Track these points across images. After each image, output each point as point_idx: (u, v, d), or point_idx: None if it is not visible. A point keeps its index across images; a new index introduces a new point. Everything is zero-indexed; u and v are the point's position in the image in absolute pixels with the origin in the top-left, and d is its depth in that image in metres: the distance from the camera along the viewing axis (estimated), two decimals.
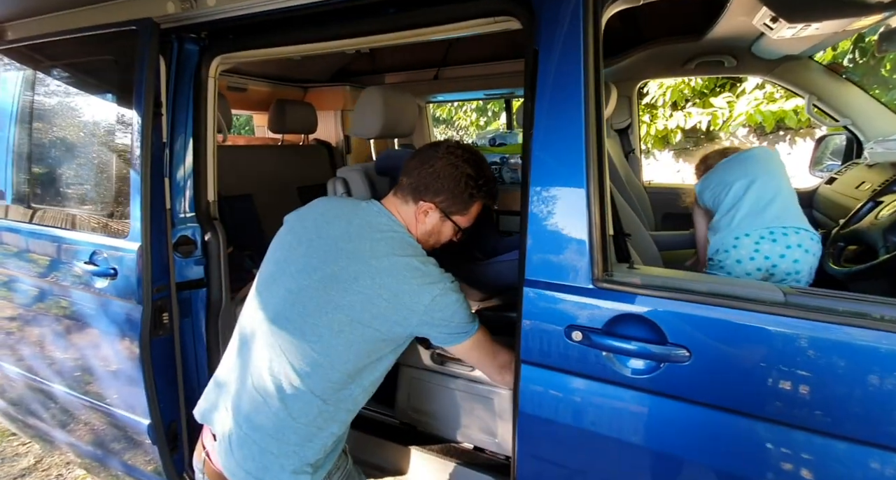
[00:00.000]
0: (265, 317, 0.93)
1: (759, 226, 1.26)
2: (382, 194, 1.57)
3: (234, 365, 0.96)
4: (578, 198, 0.81)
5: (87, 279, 1.32)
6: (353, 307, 0.87)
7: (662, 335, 0.72)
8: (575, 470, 0.84)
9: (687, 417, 0.71)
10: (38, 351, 1.54)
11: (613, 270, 0.81)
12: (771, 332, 0.65)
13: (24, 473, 1.95)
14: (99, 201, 1.36)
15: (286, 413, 0.86)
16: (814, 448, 0.65)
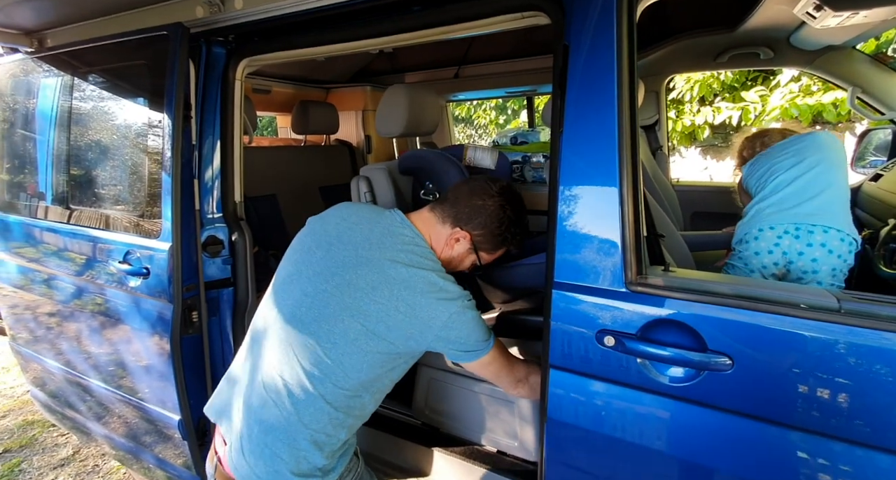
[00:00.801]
0: (280, 318, 0.93)
1: (787, 219, 1.17)
2: (405, 193, 1.57)
3: (247, 363, 0.97)
4: (610, 198, 0.78)
5: (121, 277, 1.36)
6: (368, 316, 0.87)
7: (702, 342, 0.69)
8: (605, 478, 0.82)
9: (728, 428, 0.67)
10: (76, 347, 1.60)
11: (648, 273, 0.78)
12: (823, 341, 0.61)
13: (64, 463, 2.04)
14: (132, 202, 1.40)
15: (297, 419, 0.86)
16: (861, 463, 0.60)
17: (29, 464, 2.03)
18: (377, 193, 1.49)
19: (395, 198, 1.47)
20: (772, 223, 1.18)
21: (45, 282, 1.66)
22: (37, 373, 1.86)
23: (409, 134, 1.60)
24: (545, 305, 0.85)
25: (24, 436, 2.23)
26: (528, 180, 2.50)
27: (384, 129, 1.57)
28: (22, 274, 1.75)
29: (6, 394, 2.62)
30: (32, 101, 1.70)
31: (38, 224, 1.66)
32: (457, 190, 1.05)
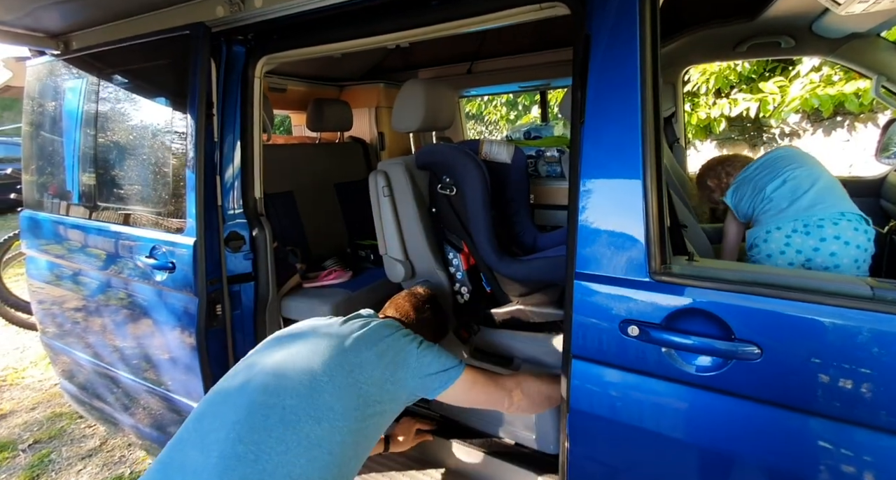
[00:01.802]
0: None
1: (790, 217, 1.18)
2: (422, 188, 1.58)
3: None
4: (633, 188, 0.78)
5: (147, 272, 1.40)
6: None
7: (728, 331, 0.69)
8: (629, 469, 0.82)
9: (755, 417, 0.67)
10: (104, 339, 1.64)
11: (672, 263, 0.78)
12: (855, 329, 0.60)
13: (91, 453, 2.10)
14: (157, 199, 1.43)
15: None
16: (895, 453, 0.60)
17: (58, 455, 2.10)
18: (395, 188, 1.50)
19: (413, 193, 1.49)
20: (777, 223, 1.18)
21: (74, 277, 1.71)
22: (66, 366, 1.92)
23: (426, 129, 1.60)
24: (566, 296, 0.86)
25: (53, 428, 2.30)
26: (543, 175, 2.49)
27: (401, 124, 1.58)
28: (52, 269, 1.81)
29: (35, 387, 2.71)
30: (59, 102, 1.75)
31: (65, 221, 1.71)
32: (400, 308, 1.21)
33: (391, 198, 1.50)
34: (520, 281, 1.42)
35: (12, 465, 2.05)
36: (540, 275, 1.36)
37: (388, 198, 1.50)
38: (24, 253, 1.98)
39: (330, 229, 2.43)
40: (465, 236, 1.48)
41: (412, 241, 1.52)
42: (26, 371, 2.90)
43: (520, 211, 1.77)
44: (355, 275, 1.96)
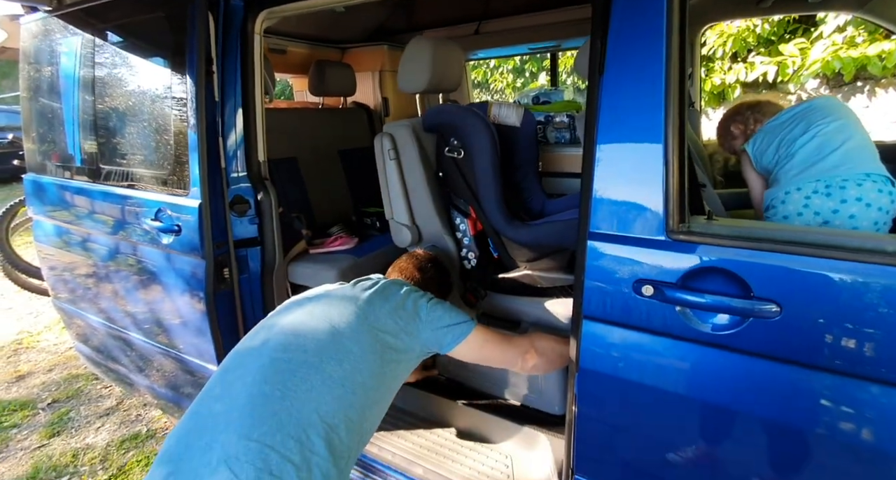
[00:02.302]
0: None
1: (812, 177, 1.12)
2: (429, 152, 1.54)
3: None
4: (654, 143, 0.75)
5: (154, 235, 1.39)
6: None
7: (747, 289, 0.67)
8: (637, 428, 0.83)
9: (773, 375, 0.66)
10: (115, 302, 1.66)
11: (690, 221, 0.75)
12: (880, 285, 0.59)
13: (109, 412, 2.18)
14: (161, 160, 1.41)
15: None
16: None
17: (76, 413, 2.18)
18: (401, 151, 1.47)
19: (419, 156, 1.45)
20: (798, 184, 1.12)
21: (81, 241, 1.71)
22: (79, 329, 1.95)
23: (432, 89, 1.55)
24: (578, 256, 0.84)
25: (70, 388, 2.38)
26: (551, 141, 2.43)
27: (407, 85, 1.53)
28: (59, 233, 1.81)
29: (50, 350, 2.78)
30: (55, 62, 1.69)
31: (69, 185, 1.70)
32: (405, 271, 1.22)
33: (397, 161, 1.46)
34: (528, 246, 1.41)
35: (33, 422, 2.13)
36: (549, 240, 1.34)
37: (395, 161, 1.46)
38: (31, 218, 1.98)
39: (335, 196, 2.40)
40: (473, 200, 1.45)
41: (419, 206, 1.50)
42: (41, 335, 2.98)
43: (528, 176, 1.73)
44: (361, 242, 1.95)
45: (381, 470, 1.31)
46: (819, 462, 0.66)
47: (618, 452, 0.86)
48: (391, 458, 1.30)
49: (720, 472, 0.74)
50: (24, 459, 1.90)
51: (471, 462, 1.28)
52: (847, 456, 0.64)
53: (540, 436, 1.28)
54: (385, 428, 1.43)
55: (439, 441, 1.38)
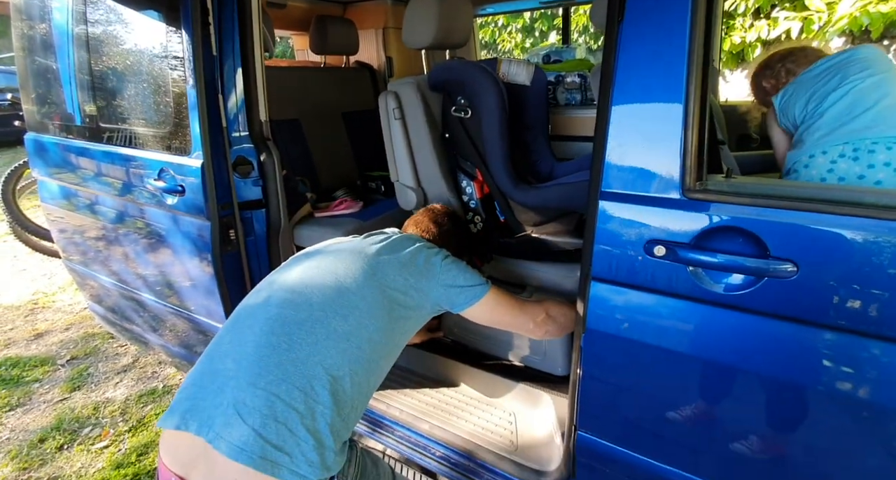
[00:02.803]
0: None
1: (840, 139, 1.03)
2: (435, 112, 1.49)
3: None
4: (674, 95, 0.71)
5: (159, 196, 1.38)
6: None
7: (764, 248, 0.66)
8: (642, 388, 0.84)
9: (785, 335, 0.66)
10: (124, 263, 1.68)
11: (707, 179, 0.73)
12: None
13: (126, 369, 2.26)
14: (161, 119, 1.37)
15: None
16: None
17: (95, 369, 2.26)
18: (406, 110, 1.42)
19: (425, 116, 1.40)
20: (823, 147, 1.04)
21: (87, 202, 1.71)
22: (91, 289, 1.99)
23: (438, 45, 1.47)
24: (588, 216, 0.82)
25: (88, 346, 2.46)
26: (561, 103, 2.34)
27: (411, 39, 1.45)
28: (64, 194, 1.81)
29: (66, 310, 2.86)
30: (47, 16, 1.62)
31: (71, 144, 1.67)
32: (420, 224, 1.19)
33: (402, 121, 1.42)
34: (535, 210, 1.38)
35: (54, 378, 2.22)
36: (557, 202, 1.31)
37: (399, 121, 1.42)
38: (36, 180, 1.97)
39: (339, 160, 2.36)
40: (480, 162, 1.42)
41: (424, 168, 1.47)
42: (56, 295, 3.05)
43: (538, 138, 1.68)
44: (366, 206, 1.94)
45: (389, 426, 1.36)
46: (828, 422, 0.67)
47: (621, 410, 0.88)
48: (398, 414, 1.34)
49: (723, 432, 0.76)
50: (48, 411, 1.99)
51: (475, 419, 1.32)
52: (860, 419, 0.64)
53: (543, 395, 1.31)
54: (392, 387, 1.47)
55: (444, 399, 1.42)
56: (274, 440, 0.72)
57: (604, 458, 0.92)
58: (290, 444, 0.72)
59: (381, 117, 1.45)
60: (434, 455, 1.25)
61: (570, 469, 1.00)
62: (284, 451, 0.72)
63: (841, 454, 0.66)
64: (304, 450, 0.73)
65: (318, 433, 0.75)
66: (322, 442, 0.75)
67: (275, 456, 0.71)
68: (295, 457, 0.72)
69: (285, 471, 0.71)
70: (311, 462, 0.73)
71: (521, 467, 1.12)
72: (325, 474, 0.74)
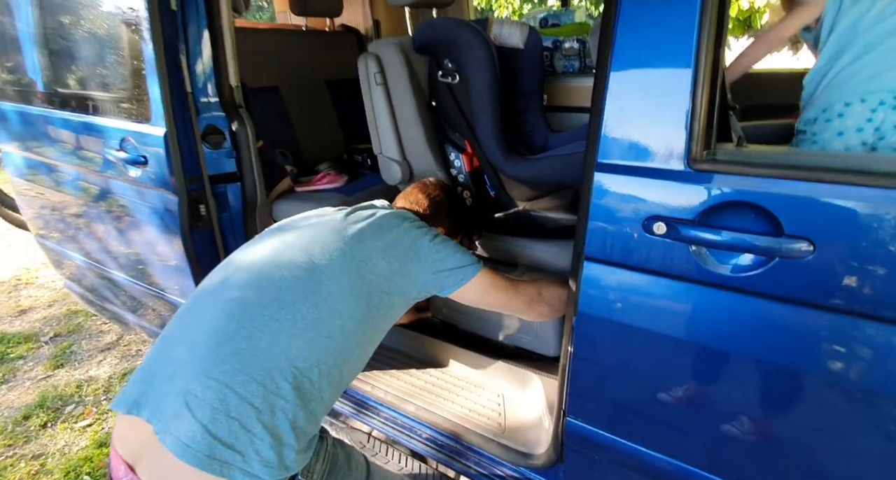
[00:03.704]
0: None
1: (884, 85, 0.92)
2: (421, 77, 1.37)
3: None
4: (683, 54, 0.62)
5: (121, 167, 1.28)
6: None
7: (777, 225, 0.58)
8: (637, 375, 0.78)
9: (798, 322, 0.59)
10: (93, 240, 1.60)
11: (716, 149, 0.65)
12: None
13: (109, 347, 2.22)
14: (120, 83, 1.26)
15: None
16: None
17: (78, 347, 2.22)
18: (388, 74, 1.30)
19: (409, 81, 1.29)
20: (864, 92, 0.92)
21: (52, 174, 1.60)
22: (65, 267, 1.92)
23: (424, 1, 1.35)
24: (582, 190, 0.74)
25: (71, 323, 2.41)
26: (559, 71, 2.21)
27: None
28: (28, 166, 1.70)
29: (49, 287, 2.79)
30: None
31: (30, 112, 1.55)
32: (409, 197, 1.11)
33: (384, 86, 1.31)
34: (527, 184, 1.30)
35: (37, 355, 2.17)
36: (550, 176, 1.23)
37: (381, 86, 1.31)
38: None
39: (323, 132, 2.24)
40: (468, 133, 1.32)
41: (409, 139, 1.37)
42: (39, 271, 2.97)
43: (531, 106, 1.57)
44: (351, 180, 1.84)
45: (374, 407, 1.32)
46: (835, 416, 0.62)
47: (613, 397, 0.83)
48: (383, 396, 1.30)
49: (718, 421, 0.71)
50: (32, 388, 1.95)
51: (463, 400, 1.28)
52: (879, 417, 0.58)
53: (532, 377, 1.27)
54: (378, 368, 1.42)
55: (431, 380, 1.38)
56: (224, 437, 0.65)
57: (593, 444, 0.88)
58: (242, 442, 0.66)
59: (361, 82, 1.34)
60: (420, 437, 1.22)
61: (557, 453, 0.96)
62: (236, 450, 0.65)
63: (859, 455, 0.61)
64: (259, 449, 0.66)
65: (277, 429, 0.68)
66: (281, 440, 0.68)
67: (224, 455, 0.64)
68: (248, 456, 0.65)
69: (236, 471, 0.64)
70: (266, 462, 0.66)
71: (508, 449, 1.09)
72: (284, 474, 0.68)
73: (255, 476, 0.66)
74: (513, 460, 1.07)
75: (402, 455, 1.25)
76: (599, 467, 0.91)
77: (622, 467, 0.87)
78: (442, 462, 1.17)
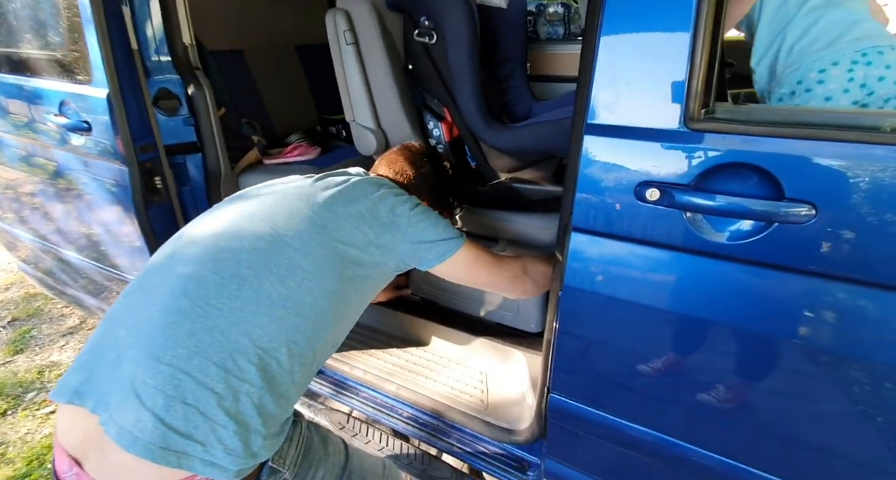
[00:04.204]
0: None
1: (845, 49, 0.94)
2: (395, 37, 1.27)
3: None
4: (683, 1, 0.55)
5: (63, 134, 1.16)
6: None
7: (778, 189, 0.54)
8: (625, 349, 0.75)
9: (796, 291, 0.56)
10: (39, 217, 1.47)
11: (715, 107, 0.59)
12: None
13: (72, 331, 2.10)
14: (55, 39, 1.11)
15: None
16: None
17: (38, 331, 2.10)
18: (359, 33, 1.20)
19: (382, 41, 1.19)
20: (833, 58, 0.93)
21: None
22: (15, 247, 1.78)
23: None
24: (570, 155, 0.69)
25: (30, 307, 2.27)
26: (542, 38, 2.11)
27: None
28: None
29: (5, 269, 2.62)
30: None
31: None
32: (392, 165, 1.02)
33: (355, 46, 1.20)
34: (509, 154, 1.24)
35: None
36: (535, 144, 1.17)
37: (353, 46, 1.20)
38: None
39: (294, 101, 2.10)
40: (448, 99, 1.24)
41: (384, 106, 1.28)
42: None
43: (515, 72, 1.49)
44: (324, 153, 1.74)
45: (353, 387, 1.28)
46: (829, 388, 0.60)
47: (599, 373, 0.80)
48: (363, 376, 1.26)
49: (710, 395, 0.69)
50: None
51: (444, 379, 1.25)
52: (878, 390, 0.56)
53: (515, 353, 1.24)
54: (356, 347, 1.38)
55: (412, 359, 1.34)
56: (180, 426, 0.59)
57: (576, 419, 0.86)
58: (202, 431, 0.60)
59: (330, 42, 1.23)
60: (402, 416, 1.19)
61: (541, 428, 0.95)
62: (195, 439, 0.59)
63: (857, 426, 0.59)
64: (223, 437, 0.60)
65: (242, 415, 0.63)
66: (247, 426, 0.63)
67: (181, 446, 0.58)
68: (209, 446, 0.60)
69: (196, 462, 0.59)
70: (230, 450, 0.61)
71: (491, 426, 1.07)
72: (251, 461, 0.63)
73: (218, 465, 0.60)
74: (496, 436, 1.05)
75: (384, 435, 1.23)
76: (581, 440, 0.90)
77: (603, 440, 0.85)
78: (424, 440, 1.15)
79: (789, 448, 0.65)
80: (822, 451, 0.63)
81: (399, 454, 1.17)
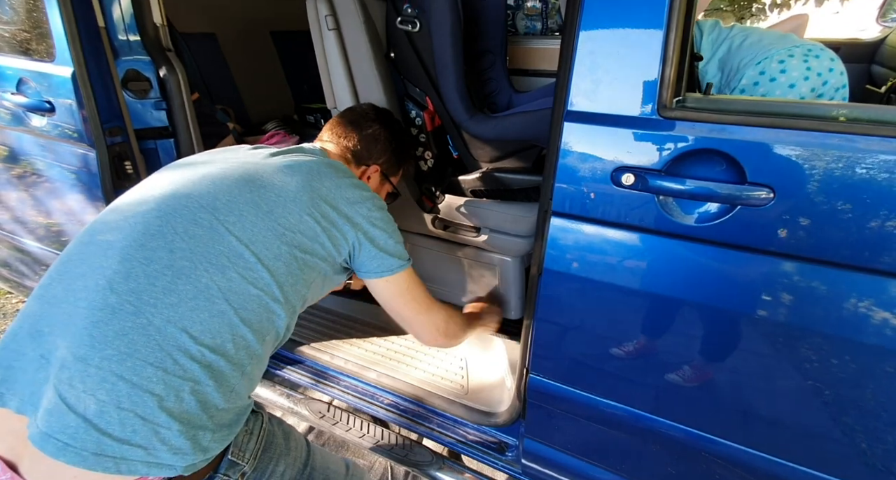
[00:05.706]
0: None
1: (793, 45, 1.01)
2: (378, 24, 1.26)
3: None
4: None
5: (20, 115, 1.09)
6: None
7: (742, 173, 0.58)
8: (601, 329, 0.79)
9: (758, 271, 0.61)
10: (5, 206, 1.38)
11: (686, 96, 0.63)
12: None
13: None
14: (13, 13, 1.05)
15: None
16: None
17: None
18: (342, 21, 1.18)
19: (365, 28, 1.18)
20: (788, 51, 0.99)
21: None
22: None
23: None
24: (551, 141, 0.71)
25: None
26: (521, 32, 2.13)
27: None
28: None
29: None
30: None
31: None
32: (335, 130, 0.99)
33: (337, 32, 1.19)
34: (491, 143, 1.26)
35: None
36: (516, 133, 1.19)
37: (334, 32, 1.19)
38: None
39: (270, 89, 2.06)
40: (430, 88, 1.24)
41: (366, 94, 1.27)
42: None
43: (495, 64, 1.51)
44: (301, 141, 1.71)
45: (334, 376, 1.28)
46: (796, 362, 0.64)
47: (577, 352, 0.83)
48: (343, 365, 1.26)
49: (682, 367, 0.73)
50: None
51: (425, 366, 1.27)
52: (834, 358, 0.61)
53: (495, 340, 1.27)
54: (337, 337, 1.37)
55: (393, 347, 1.35)
56: (115, 432, 0.54)
57: (555, 399, 0.89)
58: (142, 435, 0.55)
59: (311, 28, 1.21)
60: (382, 403, 1.20)
61: (520, 410, 0.98)
62: (134, 444, 0.55)
63: (816, 394, 0.64)
64: (167, 438, 0.56)
65: (187, 414, 0.58)
66: (193, 423, 0.59)
67: (119, 451, 0.54)
68: (152, 449, 0.56)
69: (139, 465, 0.55)
70: (177, 450, 0.57)
71: (472, 410, 1.10)
72: (201, 456, 0.59)
73: (164, 465, 0.56)
74: (476, 420, 1.08)
75: (364, 422, 1.23)
76: (558, 419, 0.93)
77: (579, 417, 0.89)
78: (405, 426, 1.16)
79: (751, 417, 0.70)
80: (779, 420, 0.69)
81: (380, 440, 1.18)
